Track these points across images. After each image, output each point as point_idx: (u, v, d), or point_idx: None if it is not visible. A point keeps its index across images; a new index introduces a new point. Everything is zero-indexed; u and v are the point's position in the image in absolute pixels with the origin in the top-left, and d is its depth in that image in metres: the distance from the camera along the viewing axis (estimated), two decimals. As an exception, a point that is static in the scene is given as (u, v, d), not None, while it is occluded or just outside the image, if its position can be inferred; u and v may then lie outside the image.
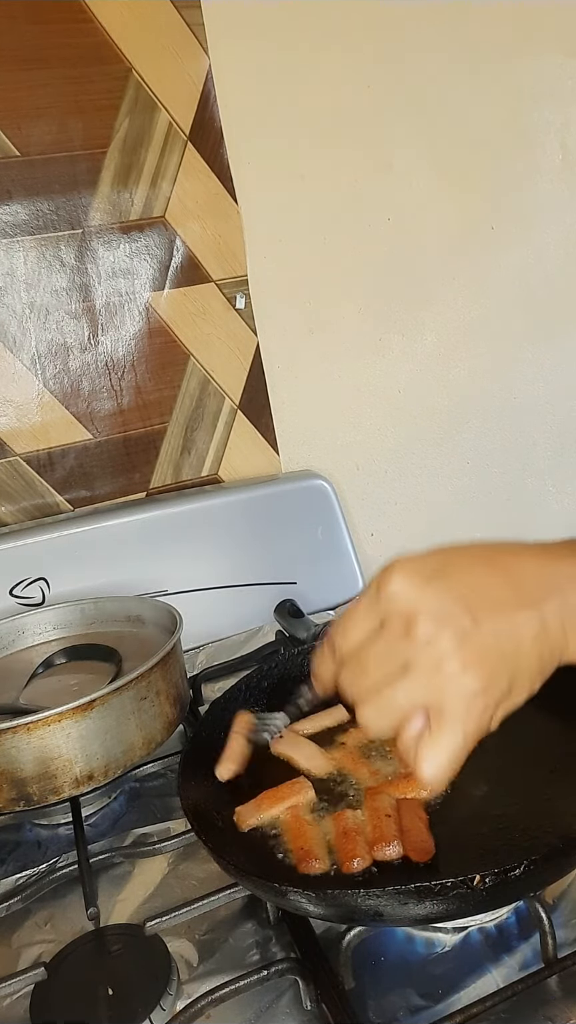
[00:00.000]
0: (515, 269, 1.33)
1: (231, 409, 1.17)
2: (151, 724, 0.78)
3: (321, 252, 1.19)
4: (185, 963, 0.63)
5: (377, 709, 0.51)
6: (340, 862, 0.60)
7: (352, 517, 1.24)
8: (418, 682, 0.49)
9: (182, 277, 1.11)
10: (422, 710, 0.49)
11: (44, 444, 1.08)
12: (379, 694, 0.50)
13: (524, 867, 0.53)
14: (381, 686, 0.50)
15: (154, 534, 1.07)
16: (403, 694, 0.49)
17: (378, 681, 0.50)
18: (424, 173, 1.24)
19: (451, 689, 0.48)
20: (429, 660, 0.48)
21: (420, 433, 1.32)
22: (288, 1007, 0.58)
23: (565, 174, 1.34)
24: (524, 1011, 0.55)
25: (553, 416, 1.41)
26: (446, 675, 0.48)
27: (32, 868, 0.76)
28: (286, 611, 1.07)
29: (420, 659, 0.49)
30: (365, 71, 1.17)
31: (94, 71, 1.01)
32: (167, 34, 1.04)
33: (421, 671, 0.49)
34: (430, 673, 0.49)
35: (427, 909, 0.54)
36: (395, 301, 1.26)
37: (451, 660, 0.48)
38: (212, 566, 1.10)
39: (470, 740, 0.50)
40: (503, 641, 0.49)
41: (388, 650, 0.50)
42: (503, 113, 1.28)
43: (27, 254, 1.03)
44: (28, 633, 0.97)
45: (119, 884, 0.73)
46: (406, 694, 0.49)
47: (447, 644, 0.48)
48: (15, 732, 0.71)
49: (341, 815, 0.65)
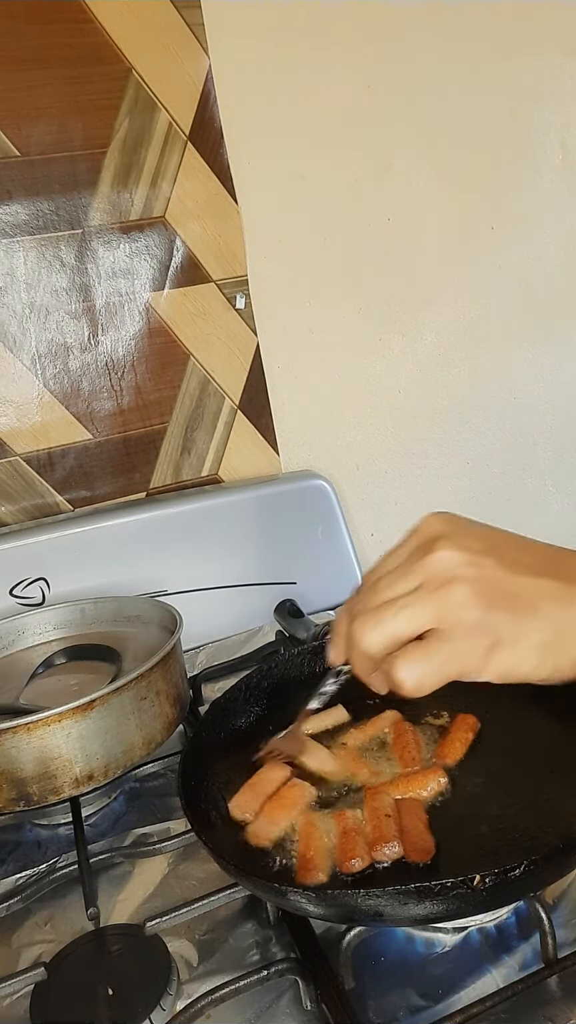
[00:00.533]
0: (515, 269, 1.33)
1: (231, 409, 1.17)
2: (151, 724, 0.78)
3: (321, 252, 1.19)
4: (185, 963, 0.63)
5: (373, 621, 0.49)
6: (339, 862, 0.60)
7: (352, 517, 1.24)
8: (423, 600, 0.48)
9: (182, 277, 1.11)
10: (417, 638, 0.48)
11: (44, 444, 1.08)
12: (379, 609, 0.49)
13: (524, 867, 0.53)
14: (386, 602, 0.49)
15: (154, 534, 1.07)
16: (405, 610, 0.48)
17: (385, 599, 0.49)
18: (424, 173, 1.24)
19: (452, 613, 0.48)
20: (440, 580, 0.48)
21: (420, 433, 1.32)
22: (288, 1007, 0.58)
23: (565, 174, 1.34)
24: (524, 1011, 0.55)
25: (553, 416, 1.41)
26: (452, 599, 0.47)
27: (32, 868, 0.76)
28: (286, 611, 1.07)
29: (432, 578, 0.48)
30: (365, 71, 1.17)
31: (94, 71, 1.01)
32: (167, 34, 1.04)
33: (429, 590, 0.48)
34: (438, 593, 0.48)
35: (427, 909, 0.54)
36: (395, 301, 1.26)
37: (461, 587, 0.47)
38: (212, 566, 1.10)
39: (455, 666, 0.48)
40: (520, 593, 0.48)
41: (405, 571, 0.50)
42: (503, 113, 1.28)
43: (27, 254, 1.03)
44: (28, 633, 0.97)
45: (119, 884, 0.73)
46: (408, 610, 0.48)
47: (462, 571, 0.48)
48: (15, 732, 0.71)
49: (341, 815, 0.65)
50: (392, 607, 0.49)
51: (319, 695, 0.65)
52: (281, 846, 0.64)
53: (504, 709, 0.76)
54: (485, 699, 0.77)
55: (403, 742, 0.73)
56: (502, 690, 0.76)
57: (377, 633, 0.49)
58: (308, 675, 0.87)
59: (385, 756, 0.73)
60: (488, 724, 0.74)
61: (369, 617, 0.50)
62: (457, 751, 0.71)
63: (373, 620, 0.50)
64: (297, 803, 0.67)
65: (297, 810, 0.66)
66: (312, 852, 0.61)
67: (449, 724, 0.75)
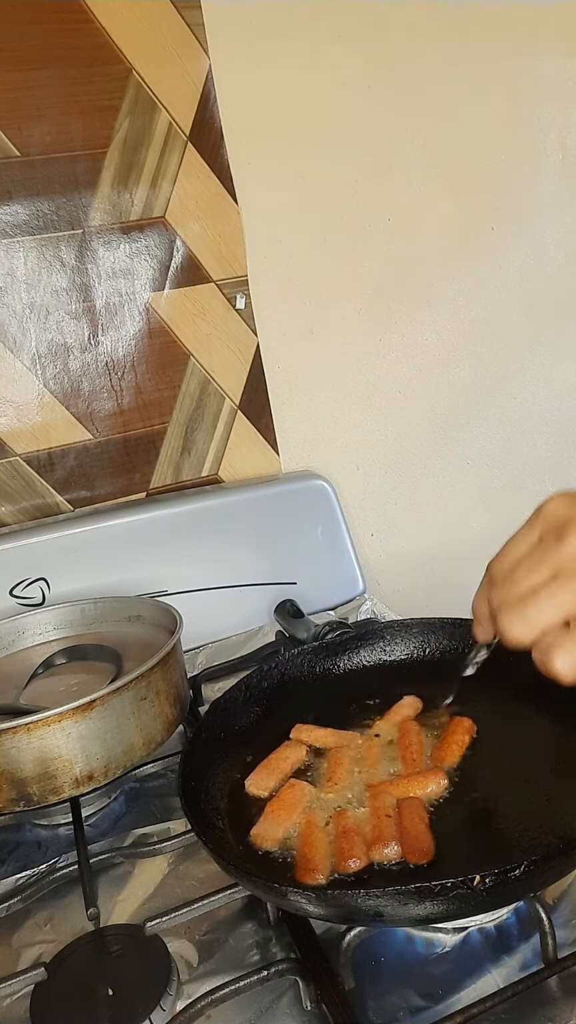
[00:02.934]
0: (515, 269, 1.33)
1: (231, 409, 1.17)
2: (151, 724, 0.78)
3: (321, 252, 1.19)
4: (185, 963, 0.63)
5: (521, 615, 0.51)
6: (337, 862, 0.60)
7: (352, 517, 1.24)
8: (566, 588, 0.49)
9: (182, 277, 1.11)
10: (563, 624, 0.49)
11: (44, 444, 1.08)
12: (523, 601, 0.51)
13: (524, 867, 0.53)
14: (527, 594, 0.50)
15: (154, 534, 1.07)
16: (548, 601, 0.50)
17: (525, 590, 0.51)
18: (424, 173, 1.24)
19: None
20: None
21: (420, 433, 1.32)
22: (288, 1007, 0.58)
23: (565, 174, 1.34)
24: (524, 1011, 0.55)
25: (553, 416, 1.41)
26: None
27: (32, 868, 0.76)
28: (286, 611, 1.07)
29: (570, 566, 0.49)
30: (365, 71, 1.17)
31: (94, 71, 1.01)
32: (167, 34, 1.04)
33: (569, 576, 0.49)
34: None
35: (427, 909, 0.54)
36: (395, 301, 1.26)
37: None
38: (212, 566, 1.10)
39: None
40: None
41: (540, 560, 0.51)
42: (503, 113, 1.28)
43: (27, 254, 1.03)
44: (28, 633, 0.97)
45: (119, 884, 0.73)
46: (551, 601, 0.49)
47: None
48: (15, 732, 0.71)
49: (342, 814, 0.65)
50: (535, 600, 0.51)
51: (473, 664, 0.68)
52: (282, 846, 0.64)
53: (504, 710, 0.76)
54: (486, 699, 0.77)
55: (406, 742, 0.73)
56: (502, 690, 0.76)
57: (525, 627, 0.51)
58: (308, 675, 0.87)
59: (387, 756, 0.73)
60: (489, 725, 0.75)
61: (515, 611, 0.51)
62: (453, 754, 0.71)
63: (519, 615, 0.51)
64: (298, 803, 0.67)
65: (298, 810, 0.66)
66: (311, 852, 0.61)
67: (446, 726, 0.75)
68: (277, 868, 0.62)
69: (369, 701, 0.82)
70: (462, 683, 0.70)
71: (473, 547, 1.33)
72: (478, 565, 0.59)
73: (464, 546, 1.33)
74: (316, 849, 0.62)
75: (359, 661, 0.88)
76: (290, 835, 0.65)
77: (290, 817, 0.66)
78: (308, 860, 0.61)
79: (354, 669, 0.88)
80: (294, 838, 0.64)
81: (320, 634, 0.96)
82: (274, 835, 0.65)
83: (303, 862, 0.61)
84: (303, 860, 0.61)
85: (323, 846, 0.62)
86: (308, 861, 0.60)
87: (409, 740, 0.73)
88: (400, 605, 1.20)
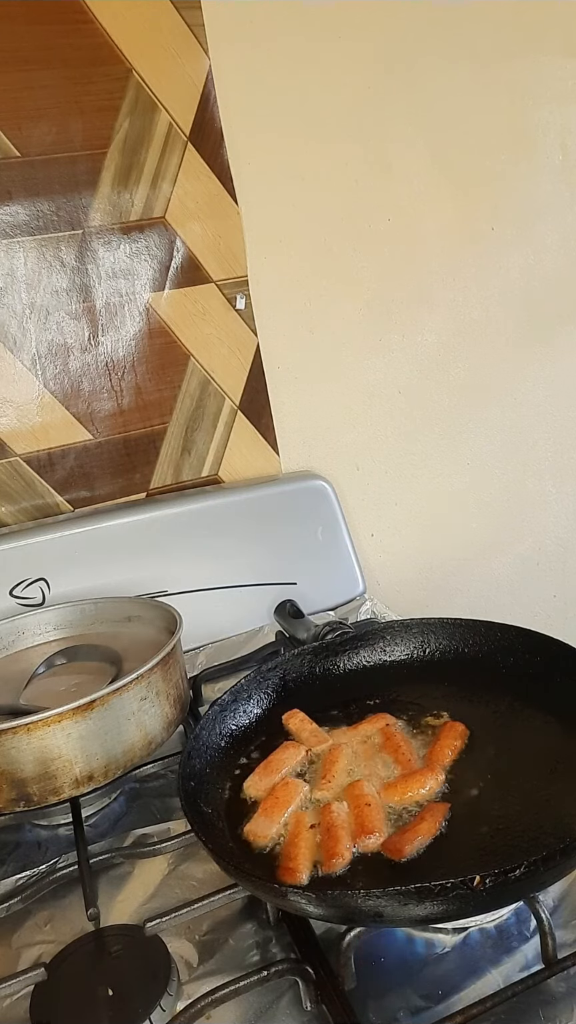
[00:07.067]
0: (515, 269, 1.33)
1: (231, 409, 1.17)
2: (151, 724, 0.78)
3: (321, 252, 1.19)
4: (185, 963, 0.63)
5: None
6: (323, 861, 0.60)
7: (352, 517, 1.24)
8: None
9: (182, 278, 1.11)
10: None
11: (44, 444, 1.08)
12: None
13: (524, 867, 0.53)
14: None
15: (154, 534, 1.07)
16: None
17: None
18: (424, 173, 1.24)
19: None
20: None
21: (420, 433, 1.32)
22: (288, 1008, 0.58)
23: (565, 174, 1.34)
24: (524, 1012, 0.55)
25: (553, 416, 1.41)
26: None
27: (32, 868, 0.76)
28: (286, 612, 1.07)
29: None
30: (365, 71, 1.17)
31: (94, 72, 1.01)
32: (167, 35, 1.04)
33: None
34: None
35: (427, 910, 0.54)
36: (395, 301, 1.26)
37: None
38: (212, 566, 1.10)
39: None
40: None
41: None
42: (503, 113, 1.28)
43: (27, 254, 1.03)
44: (28, 633, 0.97)
45: (119, 885, 0.73)
46: None
47: None
48: (15, 732, 0.71)
49: (327, 807, 0.65)
50: None
51: None
52: (276, 843, 0.64)
53: (504, 710, 0.76)
54: (486, 700, 0.77)
55: (393, 744, 0.73)
56: (502, 691, 0.76)
57: None
58: (308, 675, 0.87)
59: (383, 757, 0.73)
60: (488, 725, 0.75)
61: None
62: (446, 758, 0.71)
63: None
64: (291, 800, 0.67)
65: (290, 807, 0.67)
66: (294, 851, 0.62)
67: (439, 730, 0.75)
68: (275, 867, 0.62)
69: (369, 701, 0.82)
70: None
71: (473, 547, 1.35)
72: (478, 565, 0.59)
73: (464, 546, 1.33)
74: (300, 849, 0.62)
75: (359, 661, 0.88)
76: (283, 832, 0.65)
77: (282, 814, 0.66)
78: (290, 859, 0.61)
79: (354, 669, 0.88)
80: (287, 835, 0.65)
81: (320, 634, 0.96)
82: (266, 832, 0.65)
83: (285, 861, 0.61)
84: (285, 859, 0.61)
85: (309, 846, 0.62)
86: (290, 860, 0.61)
87: (396, 743, 0.73)
88: (400, 605, 1.20)
